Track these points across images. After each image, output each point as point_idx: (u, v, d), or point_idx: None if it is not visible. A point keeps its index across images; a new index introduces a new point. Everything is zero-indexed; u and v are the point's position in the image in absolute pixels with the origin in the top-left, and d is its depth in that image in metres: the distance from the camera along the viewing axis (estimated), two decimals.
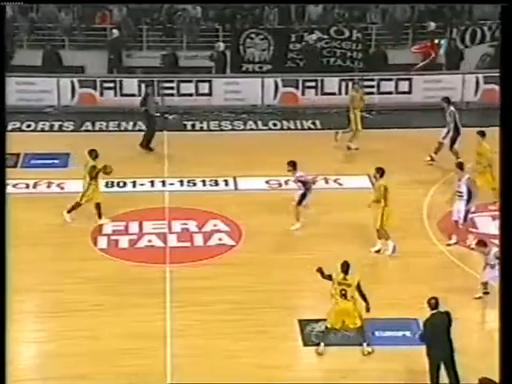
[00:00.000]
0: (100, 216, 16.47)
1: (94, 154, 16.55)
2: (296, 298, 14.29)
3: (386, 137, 20.81)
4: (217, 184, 18.62)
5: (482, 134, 17.30)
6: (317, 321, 13.27)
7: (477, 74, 23.12)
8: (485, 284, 13.69)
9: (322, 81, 23.11)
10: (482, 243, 13.79)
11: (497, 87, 22.86)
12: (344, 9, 25.54)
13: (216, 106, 22.98)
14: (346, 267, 12.53)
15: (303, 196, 16.21)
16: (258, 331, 13.15)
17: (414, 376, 12.05)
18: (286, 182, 18.23)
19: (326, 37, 24.37)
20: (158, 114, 20.74)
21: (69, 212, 16.52)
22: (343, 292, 12.38)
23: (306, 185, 16.16)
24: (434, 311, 11.63)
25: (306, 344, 12.91)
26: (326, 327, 12.59)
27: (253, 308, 13.75)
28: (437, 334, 11.48)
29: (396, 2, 25.37)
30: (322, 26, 24.75)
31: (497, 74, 23.01)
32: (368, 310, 12.50)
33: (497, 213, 16.98)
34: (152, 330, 13.16)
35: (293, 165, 16.15)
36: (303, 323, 13.29)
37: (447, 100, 19.57)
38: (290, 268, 15.04)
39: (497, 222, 16.69)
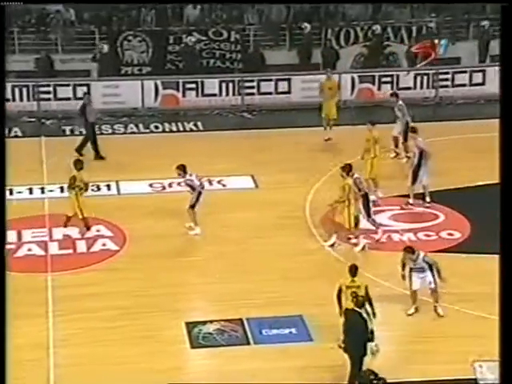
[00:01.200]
0: (66, 225, 16.09)
1: (79, 165, 16.16)
2: (182, 301, 14.23)
3: (267, 137, 21.05)
4: (99, 189, 18.30)
5: (373, 124, 17.68)
6: (204, 322, 13.28)
7: (352, 74, 23.71)
8: (415, 292, 13.26)
9: (202, 82, 23.12)
10: (409, 250, 13.30)
11: (371, 86, 23.60)
12: (222, 10, 25.64)
13: (95, 110, 22.56)
14: (353, 269, 12.45)
15: (196, 199, 16.01)
16: (146, 336, 13.01)
17: (303, 372, 12.18)
18: (170, 185, 18.14)
19: (204, 38, 24.45)
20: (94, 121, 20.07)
21: (65, 226, 16.07)
22: (354, 295, 12.17)
23: (195, 190, 16.02)
24: (358, 309, 11.58)
25: (193, 346, 12.86)
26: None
27: (139, 313, 13.60)
28: (352, 331, 11.44)
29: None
30: (201, 27, 24.81)
31: (371, 74, 23.85)
32: (374, 316, 12.02)
33: (375, 209, 17.39)
34: (35, 340, 12.83)
35: (183, 168, 15.98)
36: (190, 325, 13.23)
37: (395, 95, 19.89)
38: (175, 271, 14.98)
39: (375, 217, 17.09)
